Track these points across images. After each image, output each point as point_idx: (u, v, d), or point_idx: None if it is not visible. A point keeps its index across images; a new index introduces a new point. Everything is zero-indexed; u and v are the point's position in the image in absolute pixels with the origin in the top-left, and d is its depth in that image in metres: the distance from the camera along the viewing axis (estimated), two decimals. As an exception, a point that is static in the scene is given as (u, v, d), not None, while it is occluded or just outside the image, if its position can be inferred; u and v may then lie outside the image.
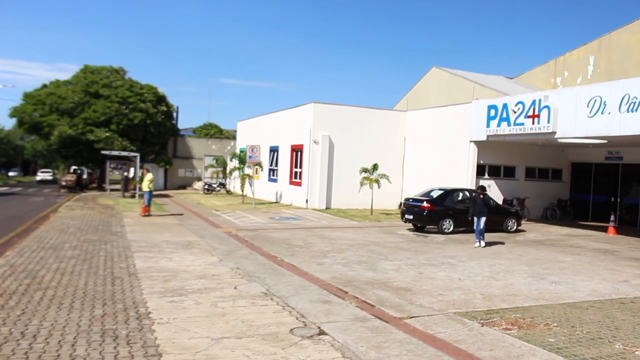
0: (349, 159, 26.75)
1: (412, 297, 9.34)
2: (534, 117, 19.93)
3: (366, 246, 15.22)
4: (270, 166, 33.08)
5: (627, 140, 19.55)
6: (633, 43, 29.55)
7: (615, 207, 24.87)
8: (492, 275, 11.62)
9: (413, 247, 15.47)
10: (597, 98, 17.89)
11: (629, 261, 14.44)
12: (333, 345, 6.65)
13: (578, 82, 31.84)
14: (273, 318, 7.70)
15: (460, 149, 24.01)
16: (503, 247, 16.29)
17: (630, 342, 7.29)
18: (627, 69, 28.63)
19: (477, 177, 23.69)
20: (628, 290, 10.77)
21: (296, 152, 29.11)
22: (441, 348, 6.70)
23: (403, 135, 28.47)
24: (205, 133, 50.40)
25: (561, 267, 13.03)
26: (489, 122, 22.10)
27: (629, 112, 16.82)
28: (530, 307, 9.03)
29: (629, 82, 17.35)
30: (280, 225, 19.50)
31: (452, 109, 25.46)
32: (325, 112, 27.11)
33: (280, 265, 11.95)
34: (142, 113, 38.47)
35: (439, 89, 36.23)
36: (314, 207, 26.57)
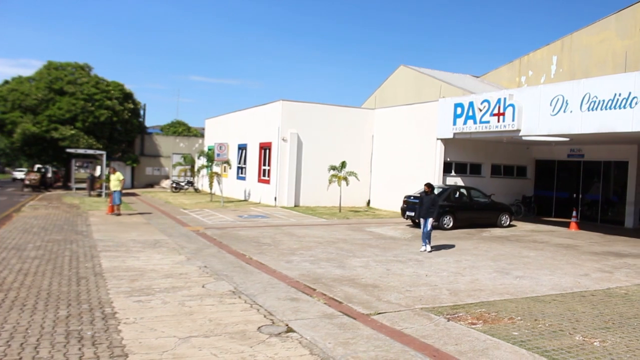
0: (317, 157, 26.81)
1: (379, 293, 9.44)
2: (499, 115, 20.27)
3: (334, 243, 15.30)
4: (239, 164, 32.94)
5: (588, 138, 20.02)
6: (594, 44, 30.27)
7: (577, 203, 25.48)
8: (458, 271, 11.80)
9: (381, 244, 15.60)
10: (559, 97, 18.28)
11: (590, 255, 14.83)
12: (301, 342, 6.69)
13: (542, 81, 32.50)
14: (241, 316, 7.70)
15: (427, 146, 24.28)
16: (469, 243, 16.54)
17: (590, 334, 7.50)
18: (588, 69, 29.33)
19: (444, 175, 24.00)
20: (588, 283, 11.07)
21: (264, 150, 29.05)
22: (408, 343, 6.79)
23: (371, 133, 28.66)
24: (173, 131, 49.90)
25: (525, 262, 13.30)
26: (456, 120, 22.40)
27: (589, 110, 17.24)
28: (495, 301, 9.21)
29: (589, 81, 17.78)
30: (248, 223, 19.45)
31: (420, 107, 25.72)
32: (293, 110, 27.11)
33: (248, 263, 11.94)
34: (108, 110, 37.88)
35: (406, 87, 36.55)
36: (283, 204, 26.57)
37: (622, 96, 16.26)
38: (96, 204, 25.77)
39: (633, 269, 12.97)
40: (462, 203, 20.76)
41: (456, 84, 33.25)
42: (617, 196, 24.39)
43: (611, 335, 7.47)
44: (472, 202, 21.02)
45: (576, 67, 30.84)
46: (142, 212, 22.26)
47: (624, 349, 6.94)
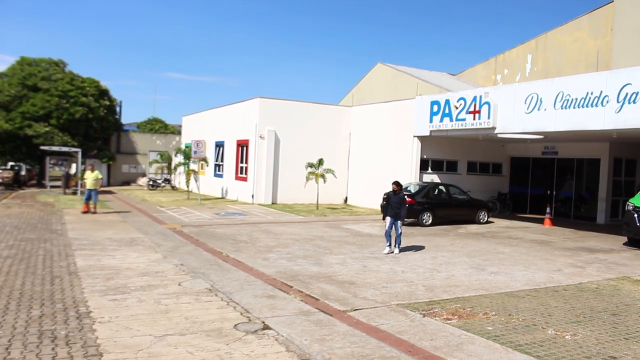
0: (294, 154, 26.81)
1: (356, 290, 9.50)
2: (475, 113, 20.48)
3: (312, 241, 15.33)
4: (216, 161, 32.78)
5: (562, 135, 20.36)
6: (567, 43, 30.75)
7: (551, 199, 25.86)
8: (434, 267, 11.92)
9: (358, 241, 15.67)
10: (534, 95, 18.53)
11: (563, 251, 15.09)
12: (277, 339, 6.71)
13: (517, 79, 32.90)
14: (217, 314, 7.69)
15: (404, 144, 24.42)
16: (446, 239, 16.70)
17: (562, 328, 7.64)
18: (562, 68, 29.79)
19: (421, 172, 24.18)
20: (561, 278, 11.27)
21: (242, 147, 28.95)
22: (384, 339, 6.85)
23: (348, 130, 28.74)
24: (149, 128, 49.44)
25: (500, 258, 13.48)
26: (432, 117, 22.57)
27: (563, 108, 17.51)
28: (470, 297, 9.33)
29: (563, 80, 18.06)
30: (225, 221, 19.39)
31: (397, 105, 25.86)
32: (271, 107, 27.06)
33: (225, 261, 11.91)
34: (83, 107, 37.36)
35: (383, 85, 36.73)
36: (260, 202, 26.52)
37: (594, 95, 16.55)
38: (71, 202, 25.45)
39: (604, 264, 13.24)
40: (441, 200, 20.95)
41: (433, 82, 33.52)
42: (589, 193, 24.81)
43: (582, 329, 7.62)
44: (450, 198, 21.23)
45: (550, 65, 31.29)
46: (119, 210, 22.04)
47: (593, 341, 7.09)
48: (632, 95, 15.59)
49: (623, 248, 16.26)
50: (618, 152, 23.79)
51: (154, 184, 37.08)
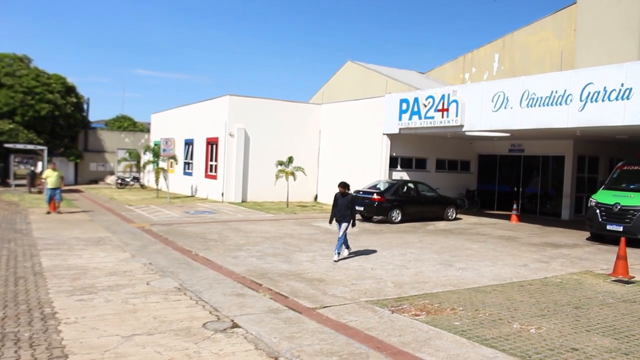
0: (264, 152, 26.75)
1: (325, 287, 9.54)
2: (443, 110, 20.71)
3: (281, 238, 15.33)
4: (186, 159, 32.51)
5: (528, 133, 20.73)
6: (532, 43, 31.31)
7: (518, 196, 26.32)
8: (403, 264, 12.03)
9: (328, 238, 15.73)
10: (500, 93, 18.83)
11: (529, 247, 15.38)
12: (246, 337, 6.70)
13: (484, 78, 33.37)
14: (186, 313, 7.65)
15: (373, 141, 24.57)
16: (415, 236, 16.87)
17: (526, 322, 7.80)
18: (528, 67, 30.31)
19: (390, 169, 24.36)
20: (527, 273, 11.49)
21: (211, 145, 28.77)
22: (352, 336, 6.90)
23: (318, 128, 28.78)
24: (118, 126, 48.66)
25: (468, 254, 13.67)
26: (401, 115, 22.75)
27: (528, 107, 17.83)
28: (438, 293, 9.44)
29: (528, 79, 18.39)
30: (195, 219, 19.26)
31: (366, 103, 26.00)
32: (240, 105, 26.94)
33: (194, 259, 11.84)
34: (49, 104, 36.61)
35: (353, 83, 36.86)
36: (230, 200, 26.40)
37: (559, 93, 16.90)
38: (37, 201, 24.95)
39: (568, 259, 13.54)
40: (410, 197, 21.12)
41: (402, 80, 33.77)
42: (554, 189, 25.33)
43: (546, 322, 7.79)
44: (419, 196, 21.43)
45: (517, 65, 31.82)
46: (86, 209, 21.70)
47: (557, 334, 7.26)
48: (594, 94, 15.98)
49: (586, 243, 16.65)
50: (581, 149, 24.34)
51: (123, 183, 36.58)
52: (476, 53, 35.27)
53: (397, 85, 31.99)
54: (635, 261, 13.12)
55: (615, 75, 15.64)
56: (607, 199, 16.49)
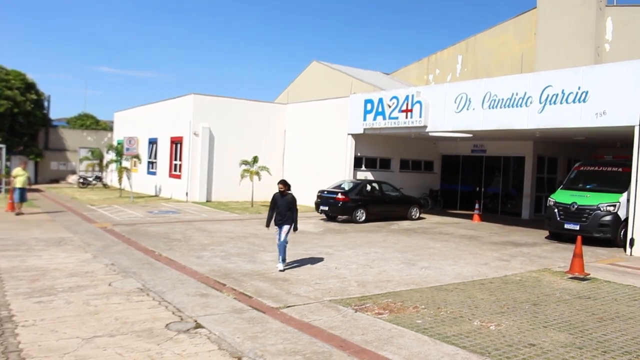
0: (229, 151, 26.61)
1: (289, 287, 9.56)
2: (407, 111, 20.94)
3: (246, 238, 15.29)
4: (149, 159, 32.10)
5: (489, 134, 21.13)
6: (495, 45, 31.94)
7: (480, 196, 26.79)
8: (367, 263, 12.14)
9: (292, 238, 15.65)
10: (463, 95, 19.14)
11: (490, 245, 15.68)
12: (209, 338, 6.69)
13: (448, 79, 33.87)
14: (148, 314, 7.58)
15: (338, 141, 24.68)
16: (379, 235, 17.01)
17: (487, 319, 7.97)
18: (490, 69, 30.89)
19: (355, 169, 24.51)
20: (487, 271, 11.72)
21: (176, 145, 28.49)
22: (316, 335, 6.94)
23: (283, 127, 28.77)
24: (80, 124, 47.70)
25: (431, 253, 13.87)
26: (366, 115, 22.92)
27: (490, 108, 18.18)
28: (401, 291, 9.56)
29: (490, 81, 18.76)
30: (159, 219, 19.05)
31: (331, 103, 26.10)
32: (205, 104, 26.75)
33: (157, 259, 11.73)
34: (8, 101, 35.64)
35: (319, 83, 36.97)
36: (195, 200, 26.19)
37: (519, 95, 17.29)
38: (-7, 201, 24.31)
39: (527, 257, 13.86)
40: (374, 197, 21.28)
41: (367, 81, 34.03)
42: (515, 189, 25.87)
43: (505, 319, 7.98)
44: (383, 195, 21.61)
45: (479, 67, 32.39)
46: (47, 209, 21.24)
47: (516, 330, 7.44)
48: (552, 97, 16.40)
49: (545, 241, 17.06)
50: (541, 150, 24.92)
51: (85, 182, 35.91)
52: (440, 55, 35.77)
53: (362, 85, 32.22)
54: (590, 259, 13.52)
55: (572, 78, 16.08)
56: (565, 199, 16.92)
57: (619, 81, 15.19)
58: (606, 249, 15.75)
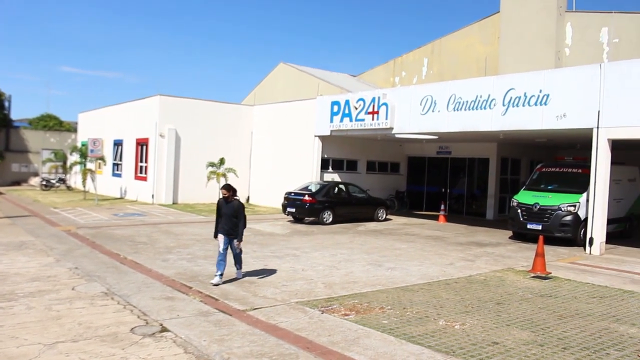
0: (196, 153, 26.41)
1: (256, 289, 9.55)
2: (374, 113, 21.10)
3: (213, 241, 15.12)
4: (114, 160, 31.63)
5: (454, 136, 21.42)
6: (460, 49, 32.40)
7: (446, 197, 27.13)
8: (333, 265, 12.18)
9: (259, 240, 15.72)
10: (428, 97, 19.37)
11: (455, 246, 15.90)
12: (175, 341, 6.64)
13: (414, 81, 34.21)
14: (113, 318, 7.48)
15: (305, 143, 24.71)
16: (346, 237, 17.09)
17: (452, 318, 8.09)
18: (455, 72, 31.29)
19: (322, 171, 24.56)
20: (453, 272, 11.89)
21: (141, 146, 28.13)
22: (282, 337, 6.95)
23: (250, 129, 28.68)
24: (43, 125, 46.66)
25: (397, 254, 13.99)
26: (333, 117, 23.01)
27: (455, 110, 18.45)
28: (368, 292, 9.62)
29: (455, 83, 19.05)
30: (124, 222, 18.78)
31: (298, 104, 26.13)
32: (171, 105, 26.49)
33: (123, 263, 11.57)
34: (-35, 102, 34.75)
35: (286, 85, 36.96)
36: (161, 202, 25.90)
37: (483, 98, 17.59)
38: (-49, 204, 23.64)
39: (491, 257, 14.11)
40: (341, 198, 21.34)
41: (334, 83, 34.15)
42: (480, 190, 26.29)
43: (470, 318, 8.11)
44: (350, 197, 21.71)
45: (445, 69, 32.80)
46: (7, 212, 20.73)
47: (480, 329, 7.57)
48: (515, 99, 16.73)
49: (509, 241, 17.39)
50: (505, 152, 25.39)
51: (48, 184, 35.17)
52: (406, 57, 36.11)
53: (329, 87, 32.31)
54: (552, 258, 13.84)
55: (534, 81, 16.44)
56: (528, 199, 17.27)
57: (578, 85, 15.59)
58: (567, 248, 16.14)
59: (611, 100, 14.78)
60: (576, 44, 27.80)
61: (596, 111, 15.00)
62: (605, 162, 15.16)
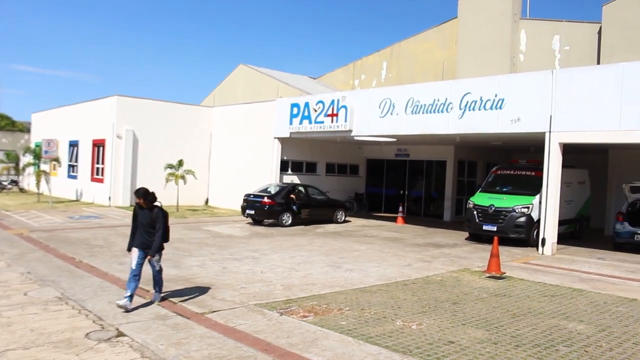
0: (154, 155, 26.04)
1: (214, 292, 9.50)
2: (333, 115, 21.23)
3: (170, 243, 14.78)
4: (70, 162, 30.92)
5: (413, 139, 21.71)
6: (418, 53, 32.90)
7: (404, 199, 27.46)
8: (292, 267, 12.21)
9: (218, 242, 15.62)
10: (387, 100, 19.60)
11: (413, 247, 16.13)
12: (132, 346, 6.56)
13: (373, 84, 34.55)
14: (67, 323, 7.34)
15: (265, 145, 24.67)
16: (305, 239, 17.14)
17: (409, 318, 8.23)
18: (414, 75, 31.77)
19: (281, 173, 24.55)
20: (410, 272, 12.07)
21: (98, 147, 27.59)
22: (241, 339, 6.95)
23: (210, 131, 28.46)
24: (-6, 125, 45.30)
25: (355, 256, 14.11)
26: (292, 119, 23.04)
27: (413, 113, 18.72)
28: (326, 294, 9.69)
29: (413, 87, 19.32)
30: (80, 225, 18.40)
31: (258, 106, 26.07)
32: (129, 106, 26.07)
33: (78, 267, 11.35)
34: None
35: (245, 86, 36.84)
36: (118, 204, 25.45)
37: (440, 101, 17.90)
38: None
39: (448, 258, 14.37)
40: (300, 200, 21.32)
41: (294, 85, 34.20)
42: (437, 192, 26.71)
43: (427, 318, 8.26)
44: (309, 199, 21.75)
45: (403, 73, 33.24)
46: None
47: (436, 329, 7.72)
48: (472, 103, 17.09)
49: (465, 242, 17.73)
50: (461, 155, 25.87)
51: (-1, 186, 34.15)
52: (366, 60, 36.44)
53: (289, 89, 32.35)
54: (507, 258, 14.19)
55: (490, 86, 16.83)
56: (483, 201, 17.65)
57: (531, 90, 16.04)
58: (521, 248, 16.56)
59: (562, 105, 15.26)
60: (530, 51, 28.58)
61: (548, 116, 15.46)
62: (556, 165, 15.63)
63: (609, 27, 25.19)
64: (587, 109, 14.81)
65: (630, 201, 17.64)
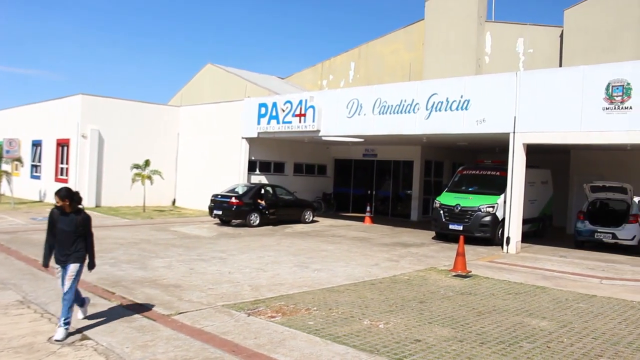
0: (120, 155, 25.66)
1: (181, 293, 9.42)
2: (301, 116, 21.25)
3: (137, 244, 14.84)
4: (33, 162, 30.26)
5: (380, 139, 21.88)
6: (386, 53, 33.16)
7: (372, 199, 27.64)
8: (260, 267, 12.18)
9: (185, 243, 15.49)
10: (355, 100, 19.70)
11: (380, 247, 16.25)
12: (96, 349, 6.46)
13: (341, 85, 34.70)
14: (29, 328, 7.18)
15: (232, 145, 24.55)
16: (273, 239, 17.11)
17: (376, 317, 8.29)
18: (382, 76, 32.01)
19: (249, 173, 24.46)
20: (378, 272, 12.16)
21: (62, 147, 27.07)
22: (208, 341, 6.91)
23: (177, 130, 28.19)
24: (-50, 124, 44.04)
25: (323, 256, 14.14)
26: (260, 119, 22.98)
27: (380, 114, 18.86)
28: (294, 294, 9.69)
29: (380, 87, 19.46)
30: (43, 226, 17.81)
31: (225, 106, 25.93)
32: (95, 105, 25.64)
33: (41, 269, 11.06)
34: None
35: (213, 86, 36.62)
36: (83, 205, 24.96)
37: (407, 102, 18.08)
38: None
39: (415, 257, 14.52)
40: (268, 200, 21.22)
41: (262, 85, 34.13)
42: (404, 192, 26.94)
43: (394, 317, 8.33)
44: (277, 199, 21.71)
45: (371, 73, 33.46)
46: None
47: (403, 328, 7.80)
48: (438, 104, 17.30)
49: (432, 242, 17.94)
50: (428, 155, 26.16)
51: (-44, 187, 33.19)
52: (334, 61, 36.57)
53: (257, 89, 32.27)
54: (472, 257, 14.40)
55: (456, 87, 17.07)
56: (450, 201, 17.88)
57: (496, 91, 16.34)
58: (486, 247, 16.84)
59: (526, 106, 15.58)
60: (495, 53, 29.06)
61: (512, 117, 15.75)
62: (520, 165, 15.95)
63: (570, 31, 25.79)
64: (550, 111, 15.15)
65: (590, 200, 18.11)
